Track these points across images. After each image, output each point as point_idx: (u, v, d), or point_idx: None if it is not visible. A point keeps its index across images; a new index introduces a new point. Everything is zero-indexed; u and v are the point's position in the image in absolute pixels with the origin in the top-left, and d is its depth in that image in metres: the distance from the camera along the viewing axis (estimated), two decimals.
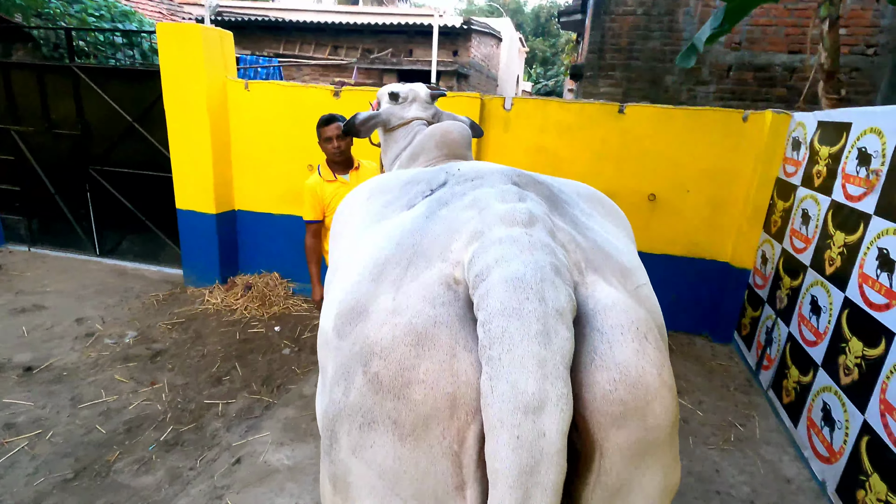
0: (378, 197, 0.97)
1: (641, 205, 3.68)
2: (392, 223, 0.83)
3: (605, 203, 1.09)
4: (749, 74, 6.08)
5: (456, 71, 8.99)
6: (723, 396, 3.05)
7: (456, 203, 0.79)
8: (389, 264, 0.72)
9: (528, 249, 0.65)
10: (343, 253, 0.93)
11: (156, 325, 3.74)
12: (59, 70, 4.42)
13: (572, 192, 0.98)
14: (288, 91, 3.98)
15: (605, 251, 0.79)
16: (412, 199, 0.89)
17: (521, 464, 0.54)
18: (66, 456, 2.40)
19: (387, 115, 2.06)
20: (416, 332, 0.63)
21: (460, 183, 0.86)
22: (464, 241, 0.70)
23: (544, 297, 0.60)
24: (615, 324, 0.66)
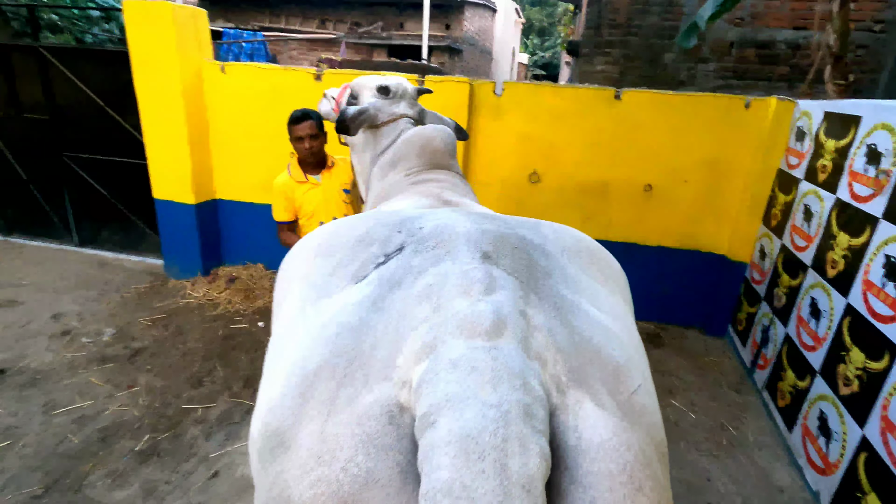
0: (324, 259, 0.83)
1: (636, 196, 3.54)
2: (332, 309, 0.69)
3: (596, 257, 0.94)
4: (751, 52, 5.85)
5: (448, 46, 8.66)
6: (715, 396, 2.98)
7: (409, 288, 0.66)
8: (321, 377, 0.60)
9: (489, 384, 0.52)
10: (279, 334, 0.80)
11: (135, 322, 3.62)
12: (24, 50, 4.17)
13: (557, 251, 0.84)
14: (267, 73, 3.77)
15: (594, 348, 0.66)
16: (361, 269, 0.75)
17: None
18: (36, 469, 2.31)
19: (374, 110, 1.89)
20: (342, 496, 0.50)
21: (419, 252, 0.72)
22: (412, 353, 0.57)
23: (506, 466, 0.47)
24: (602, 472, 0.54)
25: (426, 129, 1.61)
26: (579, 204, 3.62)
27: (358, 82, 2.00)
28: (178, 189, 3.94)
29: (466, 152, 3.58)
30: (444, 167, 1.58)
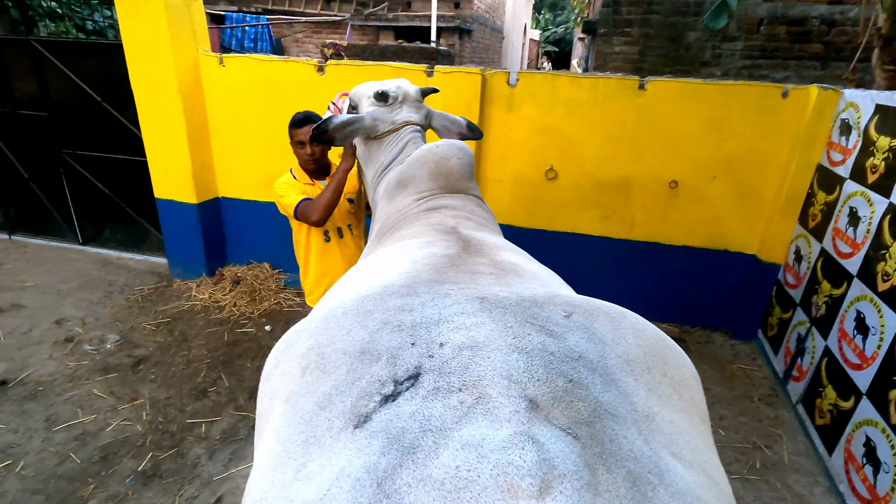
0: (314, 376, 0.66)
1: (661, 193, 3.31)
2: (321, 481, 0.52)
3: (667, 365, 0.74)
4: (782, 29, 5.48)
5: (458, 27, 8.31)
6: (746, 410, 2.81)
7: (426, 464, 0.48)
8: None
9: None
10: (259, 480, 0.63)
11: (139, 327, 3.53)
12: (16, 44, 4.01)
13: (618, 366, 0.66)
14: (267, 66, 3.56)
15: None
16: (362, 402, 0.58)
17: None
18: (36, 493, 2.23)
19: (372, 120, 1.71)
20: None
21: (439, 393, 0.55)
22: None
23: None
24: None
25: (439, 148, 1.42)
26: (599, 202, 3.41)
27: (356, 91, 1.81)
28: (180, 188, 3.80)
29: (478, 148, 3.37)
30: (460, 191, 1.40)
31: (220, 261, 4.19)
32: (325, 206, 2.05)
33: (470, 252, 1.05)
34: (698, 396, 0.77)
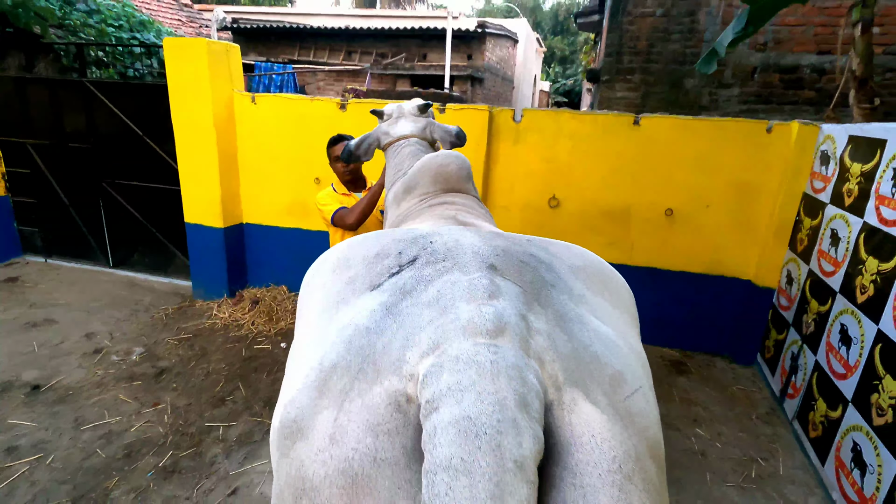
0: (342, 271, 0.88)
1: (659, 220, 3.51)
2: (349, 314, 0.74)
3: (604, 275, 0.96)
4: (775, 77, 5.82)
5: (470, 75, 8.86)
6: (744, 427, 2.88)
7: (419, 295, 0.70)
8: (337, 372, 0.64)
9: (488, 375, 0.55)
10: (300, 340, 0.84)
11: (163, 341, 3.73)
12: (71, 85, 4.46)
13: (564, 268, 0.87)
14: (294, 104, 3.93)
15: (592, 354, 0.68)
16: (377, 278, 0.79)
17: None
18: (65, 483, 2.38)
19: (376, 134, 2.06)
20: (353, 472, 0.54)
21: (429, 264, 0.77)
22: (420, 351, 0.61)
23: (501, 446, 0.50)
24: (593, 462, 0.56)
25: (438, 157, 1.66)
26: (601, 229, 3.61)
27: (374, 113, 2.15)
28: (208, 213, 4.10)
29: (486, 177, 3.63)
30: (460, 191, 1.62)
31: (241, 283, 4.42)
32: (361, 211, 2.36)
33: None
34: (629, 303, 0.96)
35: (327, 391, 0.62)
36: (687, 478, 2.46)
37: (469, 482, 0.48)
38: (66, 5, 6.60)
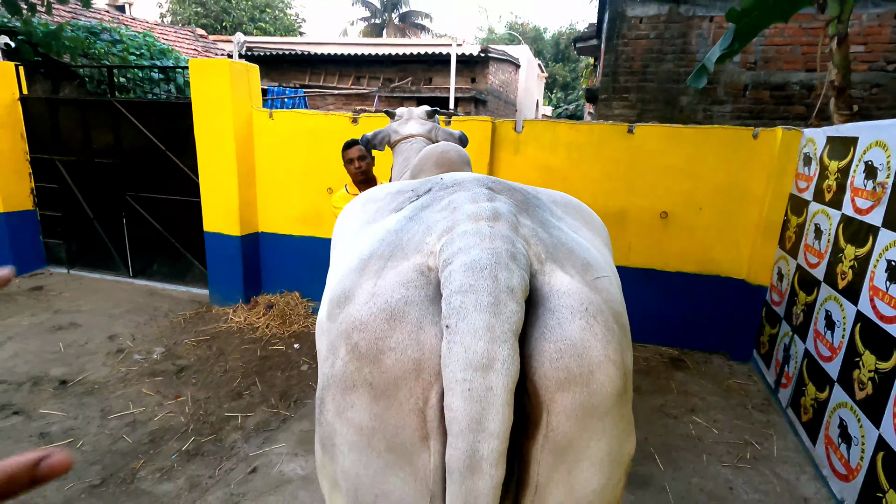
0: (370, 205, 1.08)
1: (653, 223, 3.70)
2: (380, 225, 0.93)
3: (582, 210, 1.16)
4: (766, 93, 6.08)
5: (473, 97, 9.22)
6: (739, 415, 2.99)
7: (434, 206, 0.88)
8: (373, 258, 0.82)
9: (488, 239, 0.73)
10: (339, 253, 1.03)
11: (182, 343, 3.90)
12: (100, 105, 4.76)
13: (547, 199, 1.06)
14: (309, 119, 4.19)
15: (567, 246, 0.85)
16: (400, 205, 0.98)
17: (471, 413, 0.61)
18: (95, 464, 2.52)
19: (387, 131, 2.31)
20: (391, 309, 0.72)
21: (441, 189, 0.95)
22: (437, 235, 0.79)
23: (497, 277, 0.68)
24: (565, 305, 0.73)
25: (439, 146, 1.87)
26: None
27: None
28: (226, 222, 4.32)
29: None
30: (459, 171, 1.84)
31: (256, 289, 4.61)
32: None
33: None
34: (604, 233, 1.15)
35: (366, 271, 0.80)
36: (683, 458, 2.57)
37: (475, 298, 0.66)
38: (91, 36, 7.02)
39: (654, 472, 2.47)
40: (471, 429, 0.62)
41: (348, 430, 0.75)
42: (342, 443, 0.76)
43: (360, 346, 0.72)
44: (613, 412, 0.73)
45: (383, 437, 0.71)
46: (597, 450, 0.73)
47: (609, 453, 0.74)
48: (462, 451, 0.62)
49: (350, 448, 0.75)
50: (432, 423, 0.69)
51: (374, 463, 0.73)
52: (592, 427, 0.72)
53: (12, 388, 3.17)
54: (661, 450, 2.64)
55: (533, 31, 30.80)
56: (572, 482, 0.72)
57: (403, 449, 0.70)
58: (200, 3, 18.39)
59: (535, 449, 0.71)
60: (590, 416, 0.71)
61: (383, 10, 26.32)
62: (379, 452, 0.72)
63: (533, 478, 0.71)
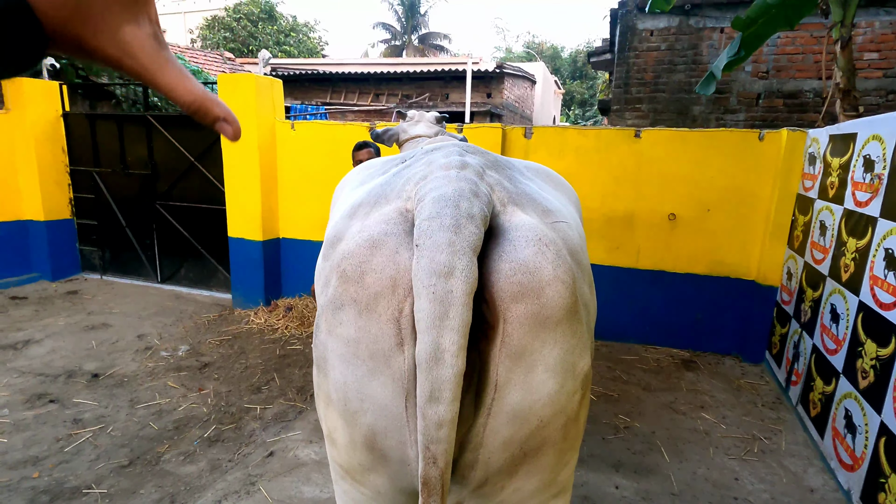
0: (364, 171, 1.21)
1: (661, 224, 3.76)
2: (370, 183, 1.06)
3: (553, 177, 1.26)
4: (779, 101, 6.10)
5: (489, 111, 9.42)
6: (749, 412, 2.99)
7: (415, 165, 1.00)
8: (362, 206, 0.94)
9: (454, 181, 0.85)
10: (336, 209, 1.17)
11: (205, 341, 4.08)
12: (135, 119, 5.08)
13: (519, 164, 1.17)
14: (329, 130, 4.41)
15: (529, 195, 0.96)
16: (388, 168, 1.11)
17: (435, 312, 0.72)
18: (123, 447, 2.68)
19: (397, 129, 2.47)
20: (373, 239, 0.84)
21: (423, 154, 1.08)
22: (414, 183, 0.91)
23: (459, 206, 0.80)
24: (521, 235, 0.84)
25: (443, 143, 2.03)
26: (606, 234, 3.87)
27: None
28: (249, 228, 4.53)
29: None
30: None
31: (276, 293, 4.79)
32: None
33: None
34: (574, 199, 1.26)
35: (356, 216, 0.93)
36: (690, 450, 2.59)
37: (440, 221, 0.78)
38: None
39: (659, 461, 2.50)
40: (434, 325, 0.73)
41: (338, 344, 0.87)
42: (333, 357, 0.88)
43: (347, 271, 0.85)
44: (564, 325, 0.83)
45: (366, 346, 0.83)
46: (550, 357, 0.82)
47: (562, 362, 0.84)
48: (427, 345, 0.73)
49: (340, 360, 0.87)
50: (406, 330, 0.80)
51: (359, 370, 0.84)
52: (544, 336, 0.82)
53: (49, 379, 3.37)
54: (667, 442, 2.67)
55: (550, 49, 31.17)
56: (528, 384, 0.82)
57: (382, 354, 0.82)
58: (228, 28, 19.25)
59: (494, 352, 0.81)
60: (541, 325, 0.81)
61: (403, 32, 27.06)
62: (363, 360, 0.84)
63: (492, 378, 0.82)
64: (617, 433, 2.79)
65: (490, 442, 0.83)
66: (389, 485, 0.90)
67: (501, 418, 0.82)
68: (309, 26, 22.07)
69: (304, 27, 21.69)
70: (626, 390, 3.30)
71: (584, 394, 0.92)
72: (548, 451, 0.87)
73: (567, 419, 0.87)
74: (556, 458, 0.89)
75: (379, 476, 0.90)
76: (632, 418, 2.94)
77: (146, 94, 5.50)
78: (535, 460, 0.87)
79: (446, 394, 0.73)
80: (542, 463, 0.88)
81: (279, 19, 20.39)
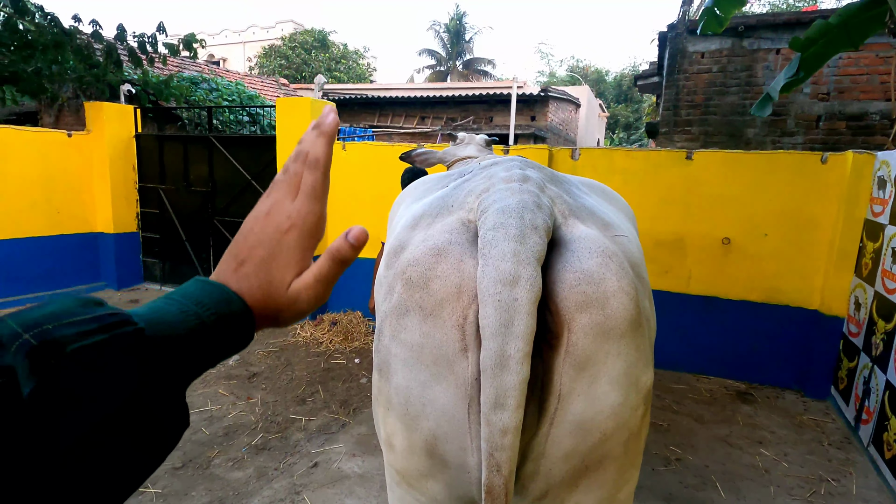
0: (422, 185, 1.25)
1: (714, 249, 3.63)
2: (430, 196, 1.09)
3: (608, 192, 1.26)
4: (841, 124, 5.82)
5: (533, 134, 9.45)
6: (813, 451, 2.80)
7: (475, 178, 1.03)
8: (424, 217, 0.97)
9: (517, 192, 0.87)
10: (395, 222, 1.21)
11: (254, 352, 4.22)
12: (199, 140, 5.42)
13: (576, 181, 1.18)
14: (379, 150, 4.55)
15: (589, 209, 0.97)
16: (447, 182, 1.15)
17: (500, 319, 0.73)
18: (177, 449, 2.78)
19: (443, 153, 2.48)
20: (438, 247, 0.86)
21: (481, 168, 1.10)
22: (476, 195, 0.93)
23: (523, 217, 0.81)
24: (585, 247, 0.85)
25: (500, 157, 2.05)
26: (655, 258, 3.77)
27: None
28: None
29: None
30: None
31: (322, 308, 4.91)
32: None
33: None
34: (629, 213, 1.24)
35: (418, 227, 0.96)
36: (748, 487, 2.44)
37: (504, 231, 0.79)
38: (193, 85, 8.02)
39: (714, 498, 2.37)
40: (500, 332, 0.74)
41: (401, 349, 0.89)
42: (396, 362, 0.90)
43: (412, 278, 0.87)
44: (628, 337, 0.82)
45: (430, 351, 0.85)
46: (614, 369, 0.81)
47: (626, 374, 0.82)
48: (493, 351, 0.74)
49: (403, 365, 0.88)
50: (470, 336, 0.82)
51: (422, 374, 0.86)
52: (608, 347, 0.81)
53: None
54: (722, 478, 2.52)
55: (595, 73, 31.09)
56: (592, 395, 0.81)
57: (446, 360, 0.83)
58: (284, 56, 20.34)
59: (558, 361, 0.81)
60: (606, 336, 0.81)
61: (448, 58, 27.75)
62: (427, 365, 0.85)
63: (556, 387, 0.81)
64: (668, 465, 2.67)
65: (552, 452, 0.83)
66: (446, 492, 0.90)
67: (564, 428, 0.82)
68: (359, 53, 23.01)
69: (354, 54, 22.64)
70: (676, 421, 3.16)
71: (646, 410, 0.90)
72: (609, 466, 0.86)
73: (629, 434, 0.86)
74: (617, 474, 0.87)
75: (436, 482, 0.90)
76: (683, 450, 2.80)
77: (210, 116, 5.88)
78: (596, 475, 0.85)
79: (511, 401, 0.73)
80: (602, 478, 0.86)
81: (331, 47, 21.39)
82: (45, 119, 6.82)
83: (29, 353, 0.29)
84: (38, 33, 4.73)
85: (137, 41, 5.11)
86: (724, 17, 3.98)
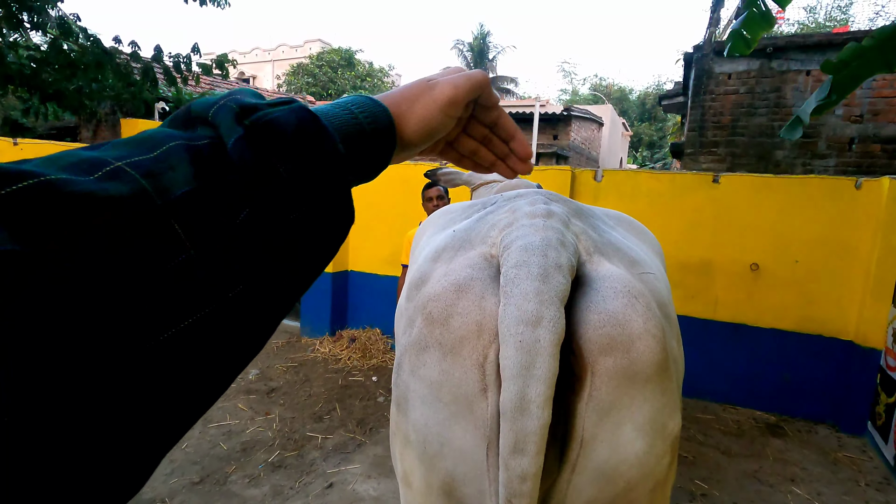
0: (445, 215, 1.25)
1: (743, 274, 3.53)
2: (451, 228, 1.08)
3: (635, 225, 1.24)
4: (876, 147, 5.66)
5: (555, 152, 9.44)
6: (849, 491, 2.66)
7: (498, 211, 1.02)
8: (446, 250, 0.96)
9: (541, 230, 0.85)
10: (417, 253, 1.20)
11: (273, 367, 4.25)
12: None
13: (600, 212, 1.16)
14: (399, 168, 4.59)
15: (615, 245, 0.94)
16: (470, 213, 1.14)
17: (522, 361, 0.71)
18: (195, 464, 2.80)
19: (469, 175, 2.45)
20: (459, 283, 0.85)
21: (505, 200, 1.09)
22: (499, 230, 0.92)
23: (546, 255, 0.80)
24: (609, 286, 0.82)
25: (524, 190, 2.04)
26: (681, 282, 3.68)
27: None
28: None
29: None
30: None
31: (341, 324, 4.93)
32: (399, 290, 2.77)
33: None
34: (656, 245, 1.21)
35: (440, 260, 0.95)
36: None
37: (527, 270, 0.78)
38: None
39: None
40: (521, 374, 0.72)
41: (420, 385, 0.87)
42: (414, 398, 0.88)
43: (433, 314, 0.86)
44: (654, 382, 0.79)
45: (449, 389, 0.83)
46: (639, 415, 0.78)
47: (651, 421, 0.79)
48: (513, 394, 0.72)
49: (421, 401, 0.87)
50: (490, 376, 0.80)
51: (441, 413, 0.84)
52: (633, 393, 0.78)
53: None
54: None
55: (618, 91, 31.04)
56: (616, 442, 0.78)
57: (466, 399, 0.81)
58: (311, 74, 20.87)
59: (581, 405, 0.78)
60: (631, 381, 0.78)
61: None
62: (445, 403, 0.83)
63: (578, 432, 0.79)
64: (692, 500, 2.57)
65: (573, 500, 0.80)
66: None
67: (586, 476, 0.79)
68: (384, 72, 23.47)
69: (379, 72, 23.09)
70: (702, 453, 3.05)
71: (672, 458, 0.87)
72: None
73: (655, 483, 0.82)
74: None
75: None
76: (710, 485, 2.70)
77: None
78: None
79: (531, 446, 0.71)
80: None
81: (357, 65, 21.88)
82: (84, 133, 7.11)
83: (235, 113, 0.32)
84: (81, 53, 4.95)
85: (173, 61, 5.31)
86: (752, 38, 3.94)
